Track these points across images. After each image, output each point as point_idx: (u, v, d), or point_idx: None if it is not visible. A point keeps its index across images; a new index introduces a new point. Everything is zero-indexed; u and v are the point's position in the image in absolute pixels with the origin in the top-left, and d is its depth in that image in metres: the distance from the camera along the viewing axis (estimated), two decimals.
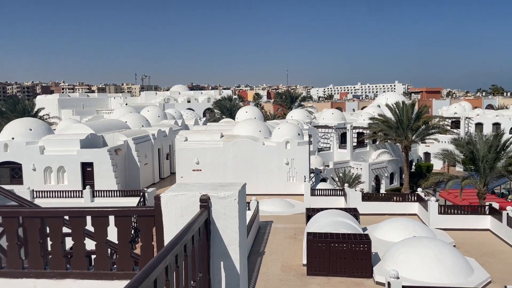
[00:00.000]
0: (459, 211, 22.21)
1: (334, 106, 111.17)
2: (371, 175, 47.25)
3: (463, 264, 14.98)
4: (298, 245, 19.31)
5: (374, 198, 26.48)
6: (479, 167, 31.27)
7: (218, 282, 3.83)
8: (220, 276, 3.83)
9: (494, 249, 18.78)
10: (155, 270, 2.56)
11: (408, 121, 46.65)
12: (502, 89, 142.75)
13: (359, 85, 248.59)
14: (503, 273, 15.97)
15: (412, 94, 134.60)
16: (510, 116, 63.67)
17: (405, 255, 14.99)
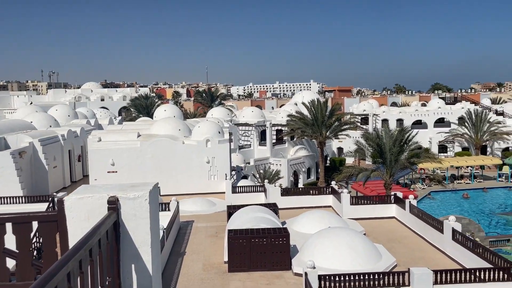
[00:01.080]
0: (369, 201, 23.88)
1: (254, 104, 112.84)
2: (290, 171, 48.91)
3: (372, 250, 16.14)
4: (220, 243, 19.36)
5: (292, 192, 27.43)
6: (385, 160, 33.89)
7: (130, 285, 3.70)
8: (132, 279, 3.70)
9: (399, 235, 20.48)
10: (55, 278, 2.40)
11: (322, 118, 49.04)
12: (404, 88, 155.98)
13: (277, 84, 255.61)
14: (407, 256, 17.50)
15: (326, 92, 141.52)
16: (411, 112, 69.83)
17: (321, 246, 15.76)
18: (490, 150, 61.09)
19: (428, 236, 19.19)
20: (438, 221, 18.64)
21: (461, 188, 47.70)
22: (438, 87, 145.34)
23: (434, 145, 63.41)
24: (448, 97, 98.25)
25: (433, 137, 64.28)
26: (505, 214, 39.22)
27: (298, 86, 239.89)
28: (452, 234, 17.09)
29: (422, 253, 18.04)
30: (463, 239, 16.59)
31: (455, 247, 16.88)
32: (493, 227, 35.70)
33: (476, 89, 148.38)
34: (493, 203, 43.01)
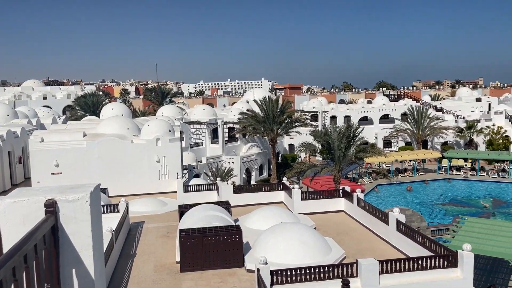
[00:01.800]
0: (319, 196, 24.47)
1: (206, 102, 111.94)
2: (243, 168, 49.07)
3: (322, 244, 16.57)
4: (172, 243, 19.07)
5: (245, 190, 27.53)
6: (334, 156, 34.85)
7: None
8: (73, 285, 3.55)
9: (348, 228, 21.18)
10: None
11: (274, 115, 49.62)
12: (352, 86, 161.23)
13: (229, 82, 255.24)
14: (355, 248, 18.13)
15: (277, 90, 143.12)
16: (358, 109, 72.28)
17: (273, 241, 15.97)
18: (431, 144, 64.63)
19: (375, 228, 19.98)
20: (383, 213, 19.46)
21: (404, 181, 50.12)
22: (383, 85, 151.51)
23: (380, 140, 66.09)
24: (392, 95, 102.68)
25: (379, 132, 66.98)
26: (445, 205, 41.71)
27: (250, 84, 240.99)
28: (396, 225, 17.91)
29: (369, 244, 18.76)
30: (406, 230, 17.43)
31: (400, 238, 17.71)
32: (434, 217, 37.84)
33: (417, 87, 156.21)
34: (434, 195, 45.59)
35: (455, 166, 53.09)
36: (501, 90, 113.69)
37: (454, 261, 14.28)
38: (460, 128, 62.99)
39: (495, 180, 48.75)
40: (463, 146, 62.69)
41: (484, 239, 22.99)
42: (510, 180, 48.18)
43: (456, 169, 52.62)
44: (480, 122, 63.64)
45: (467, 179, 49.99)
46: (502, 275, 24.57)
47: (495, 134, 60.60)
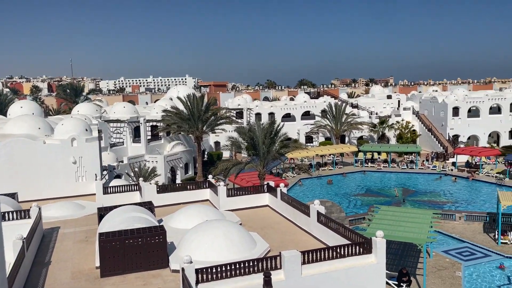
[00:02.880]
0: (244, 192, 24.74)
1: (126, 100, 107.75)
2: (167, 167, 48.01)
3: (247, 239, 16.78)
4: (91, 248, 18.11)
5: (169, 189, 26.92)
6: (259, 152, 35.43)
7: None
8: None
9: (272, 222, 21.68)
10: None
11: (198, 113, 49.13)
12: (275, 84, 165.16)
13: (151, 78, 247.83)
14: (279, 241, 18.62)
15: (201, 87, 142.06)
16: (281, 106, 74.23)
17: (198, 240, 15.84)
18: (348, 139, 68.46)
19: (298, 220, 20.70)
20: (305, 206, 20.22)
21: (325, 174, 52.55)
22: (304, 83, 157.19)
23: (302, 136, 68.58)
24: (313, 92, 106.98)
25: (301, 128, 69.45)
26: (361, 195, 44.45)
27: (173, 80, 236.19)
28: (317, 216, 18.71)
29: (293, 236, 19.39)
30: (326, 221, 18.28)
31: (320, 228, 18.53)
32: (352, 207, 40.16)
33: (335, 85, 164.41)
34: (351, 186, 48.36)
35: (370, 159, 56.80)
36: (409, 88, 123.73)
37: (369, 248, 15.26)
38: (374, 123, 67.49)
39: (404, 171, 52.97)
40: (376, 140, 67.26)
41: (396, 226, 24.91)
42: (417, 171, 52.68)
43: (370, 162, 56.31)
44: (391, 118, 68.73)
45: (380, 171, 53.74)
46: (412, 258, 26.81)
47: (404, 129, 65.86)
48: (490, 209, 34.87)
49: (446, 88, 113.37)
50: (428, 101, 70.37)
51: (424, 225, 24.98)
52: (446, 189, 45.58)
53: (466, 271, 24.85)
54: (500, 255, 26.75)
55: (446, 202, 40.62)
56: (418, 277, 23.80)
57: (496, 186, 42.71)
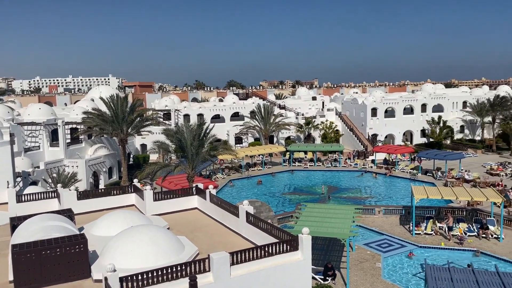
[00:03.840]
0: (172, 196, 24.18)
1: (43, 101, 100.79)
2: (89, 172, 45.57)
3: (175, 243, 16.42)
4: (3, 261, 16.58)
5: (92, 195, 25.49)
6: (187, 154, 34.92)
7: None
8: None
9: (201, 224, 21.45)
10: None
11: (123, 114, 47.25)
12: (204, 84, 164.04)
13: (71, 78, 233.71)
14: (208, 244, 18.46)
15: (126, 88, 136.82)
16: (210, 107, 73.93)
17: (122, 247, 15.18)
18: (276, 139, 70.02)
19: (227, 222, 20.68)
20: (234, 207, 20.27)
21: (255, 174, 53.23)
22: (233, 84, 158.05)
23: (231, 137, 68.84)
24: (242, 93, 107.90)
25: (230, 129, 69.70)
26: (289, 194, 45.67)
27: (95, 80, 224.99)
28: (246, 217, 18.84)
29: (222, 238, 19.33)
30: (255, 220, 18.48)
31: (249, 229, 18.68)
32: (280, 206, 41.09)
33: (264, 86, 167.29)
34: (280, 186, 49.50)
35: (297, 158, 58.59)
36: (332, 90, 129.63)
37: (296, 245, 15.68)
38: (300, 124, 69.72)
39: (329, 169, 55.37)
40: (303, 140, 69.55)
41: (321, 222, 25.91)
42: (340, 169, 55.33)
43: (298, 161, 58.09)
44: (316, 118, 71.49)
45: (307, 170, 55.64)
46: (336, 252, 28.04)
47: (328, 129, 68.84)
48: (405, 203, 37.59)
49: (366, 90, 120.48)
50: (350, 103, 74.27)
51: (347, 220, 26.25)
52: (367, 185, 48.39)
53: (385, 261, 26.54)
54: (414, 245, 28.95)
55: (367, 198, 43.11)
56: (342, 270, 24.96)
57: (410, 181, 46.18)
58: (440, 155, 51.25)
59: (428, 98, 72.68)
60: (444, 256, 27.05)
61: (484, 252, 27.23)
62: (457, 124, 71.44)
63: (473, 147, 64.10)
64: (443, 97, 74.20)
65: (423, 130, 70.72)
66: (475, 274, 18.54)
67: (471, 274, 18.59)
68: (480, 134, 70.32)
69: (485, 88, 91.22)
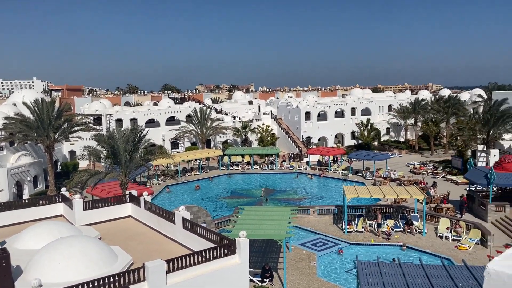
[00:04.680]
0: (104, 204, 23.18)
1: None
2: (11, 181, 42.32)
3: (107, 253, 15.75)
4: None
5: (14, 206, 23.70)
6: (120, 160, 33.64)
7: None
8: None
9: (136, 233, 20.78)
10: None
11: (49, 119, 44.53)
12: (137, 88, 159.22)
13: None
14: (143, 252, 17.93)
15: (52, 91, 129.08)
16: (144, 112, 71.92)
17: (50, 260, 14.29)
18: (213, 143, 69.79)
19: (163, 229, 20.23)
20: (170, 213, 19.89)
21: (192, 179, 52.60)
22: (168, 88, 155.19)
23: (167, 142, 67.51)
24: (177, 97, 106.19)
25: (166, 134, 68.32)
26: (227, 198, 45.69)
27: (18, 84, 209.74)
28: (182, 223, 18.57)
29: (158, 246, 18.88)
30: (192, 226, 18.27)
31: (186, 235, 18.43)
32: (218, 210, 40.97)
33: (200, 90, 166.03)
34: (217, 190, 49.36)
35: (234, 162, 58.83)
36: (268, 94, 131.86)
37: (233, 249, 15.75)
38: (237, 128, 70.13)
39: (266, 172, 56.22)
40: (240, 143, 69.99)
41: (258, 225, 26.21)
42: (277, 171, 56.41)
43: (235, 165, 58.34)
44: (253, 122, 72.31)
45: (244, 173, 56.06)
46: (274, 254, 28.51)
47: (265, 132, 69.93)
48: (339, 202, 39.20)
49: (300, 95, 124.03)
50: (285, 106, 76.06)
51: (283, 221, 26.81)
52: (302, 186, 49.78)
53: (320, 260, 27.46)
54: (347, 243, 30.27)
55: (302, 199, 44.33)
56: (280, 271, 25.43)
57: (341, 181, 48.24)
58: (368, 156, 54.12)
59: (357, 102, 76.51)
60: (374, 251, 28.58)
61: (410, 246, 29.14)
62: (383, 126, 75.89)
63: (398, 148, 68.48)
64: (370, 101, 78.52)
65: (353, 133, 74.25)
66: (402, 267, 19.78)
67: (398, 267, 19.81)
68: (404, 136, 75.28)
69: (408, 92, 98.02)
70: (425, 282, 18.00)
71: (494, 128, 48.60)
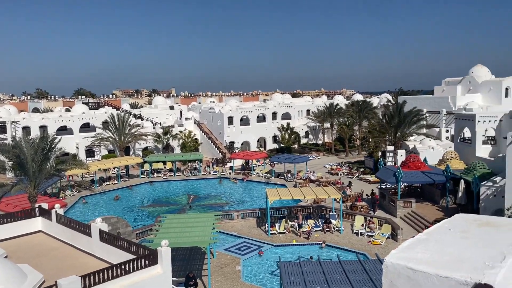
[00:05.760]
0: (9, 219, 21.18)
1: None
2: None
3: (15, 273, 14.40)
4: None
5: None
6: (28, 171, 31.04)
7: None
8: None
9: (47, 248, 19.26)
10: None
11: None
12: (47, 93, 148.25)
13: None
14: (56, 269, 16.67)
15: None
16: (55, 118, 67.22)
17: None
18: (133, 150, 67.30)
19: (78, 243, 18.99)
20: (85, 226, 18.75)
21: (110, 189, 50.14)
22: (82, 93, 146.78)
23: (82, 150, 63.76)
24: (92, 103, 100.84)
25: (80, 142, 64.48)
26: (149, 207, 44.28)
27: None
28: (99, 235, 17.60)
29: (73, 261, 17.67)
30: (110, 238, 17.38)
31: (104, 247, 17.48)
32: (139, 220, 39.53)
33: (117, 95, 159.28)
34: (138, 199, 47.63)
35: (156, 169, 57.24)
36: (190, 99, 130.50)
37: (155, 259, 15.26)
38: (158, 134, 68.39)
39: (189, 178, 55.46)
40: (161, 150, 68.31)
41: (181, 232, 25.75)
42: (201, 177, 55.93)
43: (157, 172, 56.78)
44: (174, 128, 71.03)
45: (166, 180, 54.76)
46: (198, 261, 28.17)
47: (187, 138, 69.02)
48: (262, 205, 39.90)
49: (222, 100, 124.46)
50: (207, 111, 75.82)
51: (207, 227, 26.63)
52: (227, 191, 49.90)
53: (244, 264, 27.69)
54: (270, 245, 30.90)
55: (226, 204, 44.44)
56: (204, 278, 25.19)
57: (264, 185, 49.22)
58: (289, 158, 55.91)
59: (277, 107, 78.75)
60: (296, 251, 29.52)
61: (329, 244, 30.56)
62: (302, 130, 78.96)
63: (316, 150, 71.66)
64: (290, 106, 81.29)
65: (274, 137, 76.23)
66: (322, 264, 20.67)
67: (318, 265, 20.67)
68: (322, 138, 79.01)
69: (324, 97, 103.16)
70: (342, 277, 18.99)
71: (400, 130, 52.87)
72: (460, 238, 2.34)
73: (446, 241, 2.32)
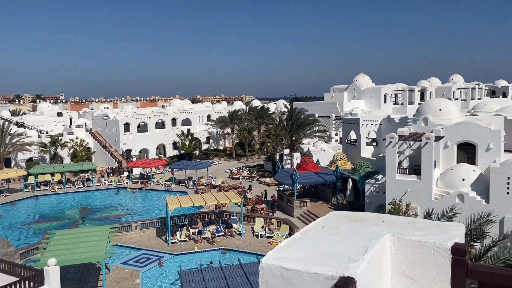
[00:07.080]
0: None
1: None
2: None
3: None
4: None
5: None
6: None
7: None
8: None
9: None
10: None
11: None
12: None
13: None
14: None
15: None
16: None
17: None
18: (15, 162, 60.68)
19: None
20: None
21: None
22: None
23: None
24: None
25: None
26: (35, 223, 40.21)
27: None
28: None
29: None
30: None
31: None
32: (23, 239, 35.70)
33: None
34: (22, 215, 43.02)
35: (43, 182, 52.30)
36: (81, 105, 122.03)
37: (41, 280, 13.90)
38: (44, 143, 62.63)
39: (81, 190, 51.64)
40: (48, 160, 62.65)
41: (73, 249, 23.84)
42: (94, 188, 52.46)
43: (43, 185, 51.90)
44: (63, 136, 65.70)
45: (55, 193, 50.32)
46: (93, 277, 26.32)
47: (78, 147, 64.30)
48: (163, 214, 38.78)
49: (117, 106, 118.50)
50: (101, 118, 71.56)
51: (102, 241, 25.04)
52: (124, 202, 47.52)
53: (144, 276, 26.59)
54: (171, 254, 30.14)
55: (124, 215, 42.29)
56: None
57: (165, 193, 47.94)
58: (190, 165, 55.30)
59: (177, 113, 77.48)
60: (198, 259, 29.21)
61: (230, 248, 30.82)
62: (203, 135, 78.78)
63: (217, 156, 72.03)
64: (190, 112, 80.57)
65: (174, 143, 74.81)
66: (223, 269, 20.76)
67: (220, 270, 20.72)
68: (223, 144, 79.69)
69: (224, 103, 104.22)
70: (243, 280, 19.29)
71: (295, 134, 55.68)
72: (331, 235, 2.50)
73: (319, 239, 2.45)
